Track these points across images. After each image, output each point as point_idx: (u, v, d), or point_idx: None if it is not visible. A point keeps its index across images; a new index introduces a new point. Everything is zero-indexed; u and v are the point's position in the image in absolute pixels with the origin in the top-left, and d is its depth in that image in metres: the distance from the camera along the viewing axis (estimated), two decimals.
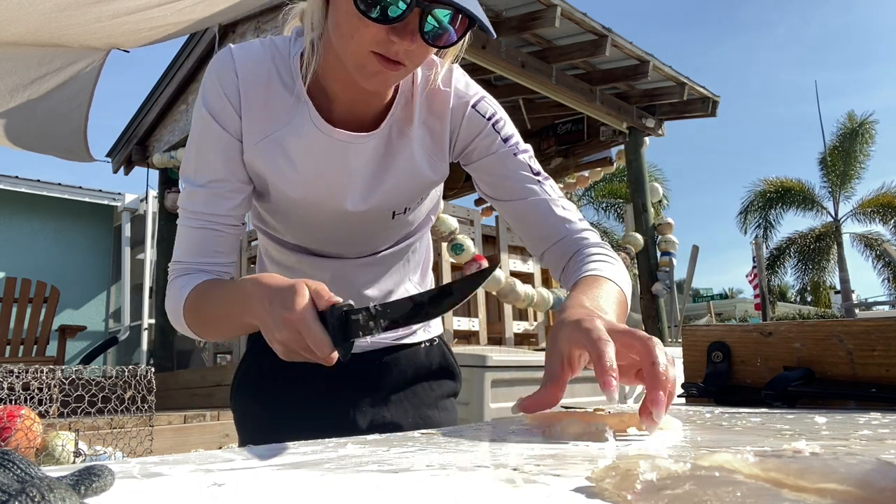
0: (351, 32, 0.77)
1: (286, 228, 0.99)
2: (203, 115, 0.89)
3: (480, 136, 0.94)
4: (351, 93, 0.88)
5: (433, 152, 0.94)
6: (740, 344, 0.92)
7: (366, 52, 0.77)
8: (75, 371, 2.88)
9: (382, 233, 0.99)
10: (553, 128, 6.55)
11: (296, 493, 0.36)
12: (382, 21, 0.74)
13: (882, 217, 18.54)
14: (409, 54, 0.77)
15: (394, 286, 1.05)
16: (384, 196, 0.93)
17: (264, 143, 0.89)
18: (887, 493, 0.27)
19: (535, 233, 0.95)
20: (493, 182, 0.96)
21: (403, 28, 0.75)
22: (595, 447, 0.50)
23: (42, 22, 3.38)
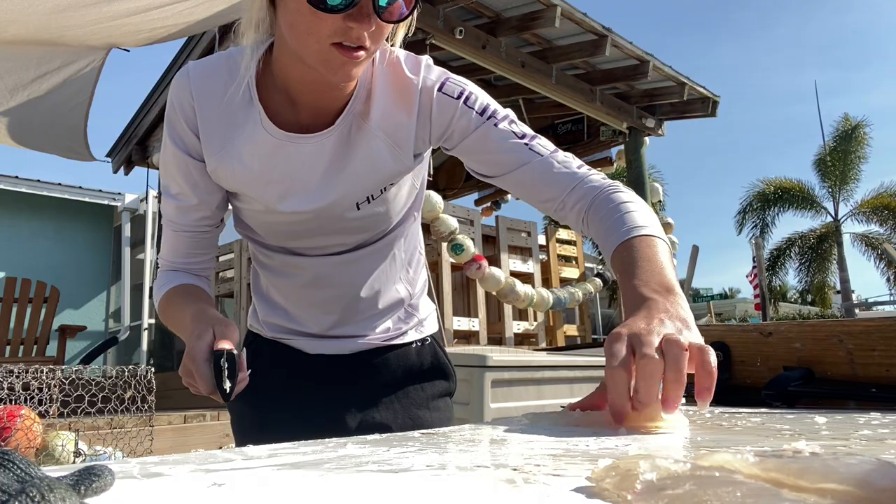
0: (308, 29, 0.77)
1: (262, 231, 1.00)
2: (166, 137, 0.93)
3: (455, 118, 0.91)
4: (312, 91, 0.88)
5: (398, 143, 0.92)
6: (740, 344, 0.92)
7: (326, 45, 0.77)
8: (75, 371, 2.88)
9: (355, 226, 0.98)
10: (553, 128, 6.55)
11: (296, 493, 0.36)
12: (338, 10, 0.74)
13: (880, 217, 18.55)
14: (370, 36, 0.78)
15: (381, 285, 1.04)
16: (343, 189, 0.92)
17: (222, 153, 0.91)
18: (887, 494, 0.27)
19: (542, 195, 0.92)
20: (482, 160, 0.93)
21: (359, 12, 0.75)
22: (595, 446, 0.50)
23: (42, 23, 3.38)
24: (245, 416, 1.09)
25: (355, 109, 0.91)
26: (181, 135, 0.91)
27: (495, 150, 0.91)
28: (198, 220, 0.96)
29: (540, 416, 0.68)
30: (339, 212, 0.94)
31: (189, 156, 0.92)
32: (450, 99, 0.91)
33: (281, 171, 0.91)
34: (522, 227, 5.40)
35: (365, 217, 0.97)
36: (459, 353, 2.84)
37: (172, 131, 0.92)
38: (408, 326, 1.09)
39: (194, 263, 1.01)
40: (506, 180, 0.93)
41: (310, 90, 0.88)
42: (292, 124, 0.91)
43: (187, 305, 0.91)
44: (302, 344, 1.05)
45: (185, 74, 0.91)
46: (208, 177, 0.94)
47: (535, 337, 5.27)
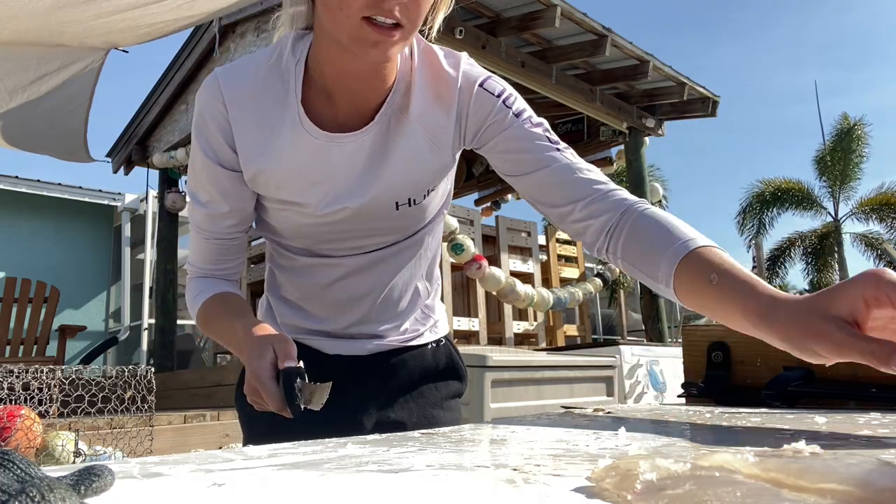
0: (337, 7, 0.75)
1: (292, 234, 0.98)
2: (195, 146, 0.92)
3: (492, 114, 0.90)
4: (351, 83, 0.86)
5: (437, 139, 0.90)
6: (740, 344, 0.92)
7: (358, 20, 0.74)
8: (75, 371, 2.88)
9: (390, 226, 0.97)
10: (553, 128, 6.49)
11: (295, 493, 0.36)
12: None
13: (881, 217, 18.54)
14: (403, 9, 0.75)
15: (405, 283, 1.03)
16: (383, 188, 0.91)
17: (262, 158, 0.89)
18: (887, 494, 0.27)
19: (562, 199, 0.86)
20: (510, 158, 0.90)
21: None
22: (595, 446, 0.50)
23: (41, 20, 3.38)
24: (258, 414, 1.09)
25: (395, 104, 0.89)
26: (213, 145, 0.90)
27: (525, 149, 0.89)
28: (228, 227, 0.95)
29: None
30: (377, 212, 0.93)
31: (221, 166, 0.91)
32: (490, 95, 0.90)
33: (323, 171, 0.90)
34: (522, 227, 5.40)
35: (402, 218, 0.95)
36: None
37: (204, 142, 0.90)
38: (424, 328, 1.09)
39: (225, 269, 0.99)
40: (529, 180, 0.90)
41: (348, 81, 0.86)
42: (331, 123, 0.89)
43: (233, 319, 0.90)
44: (320, 344, 1.05)
45: (214, 82, 0.89)
46: (240, 185, 0.92)
47: (535, 337, 5.27)
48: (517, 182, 0.92)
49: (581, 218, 0.85)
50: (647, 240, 0.78)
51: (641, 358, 4.12)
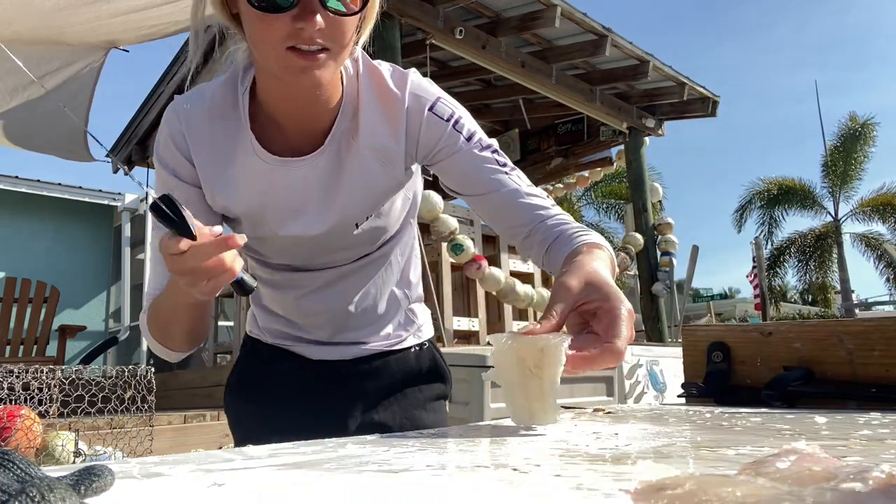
0: (262, 37, 0.77)
1: (264, 250, 1.00)
2: (157, 168, 0.94)
3: (443, 139, 0.91)
4: (293, 108, 0.88)
5: (388, 159, 0.91)
6: (740, 344, 0.92)
7: (282, 50, 0.75)
8: (75, 371, 2.88)
9: (355, 241, 0.98)
10: (553, 128, 6.55)
11: (296, 493, 0.36)
12: (283, 9, 0.73)
13: (882, 217, 18.54)
14: (324, 34, 0.75)
15: (378, 291, 1.05)
16: (340, 211, 0.92)
17: (218, 181, 0.91)
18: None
19: (510, 222, 0.93)
20: (460, 180, 0.94)
21: (304, 9, 0.73)
22: (595, 447, 0.50)
23: (43, 21, 3.38)
24: (246, 415, 1.10)
25: (343, 127, 0.90)
26: (172, 163, 0.92)
27: (474, 171, 0.92)
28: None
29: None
30: (339, 233, 0.95)
31: (181, 181, 0.92)
32: (440, 119, 0.91)
33: (277, 196, 0.91)
34: None
35: (365, 233, 0.97)
36: (459, 353, 2.84)
37: (163, 162, 0.92)
38: (407, 333, 1.10)
39: None
40: (478, 201, 0.94)
41: (291, 107, 0.88)
42: (283, 148, 0.90)
43: (167, 286, 0.87)
44: (303, 350, 1.06)
45: (177, 104, 0.92)
46: (198, 201, 0.93)
47: None
48: (467, 200, 0.96)
49: (527, 236, 0.92)
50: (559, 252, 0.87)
51: (641, 358, 4.12)
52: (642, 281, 5.76)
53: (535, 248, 0.93)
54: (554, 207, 0.94)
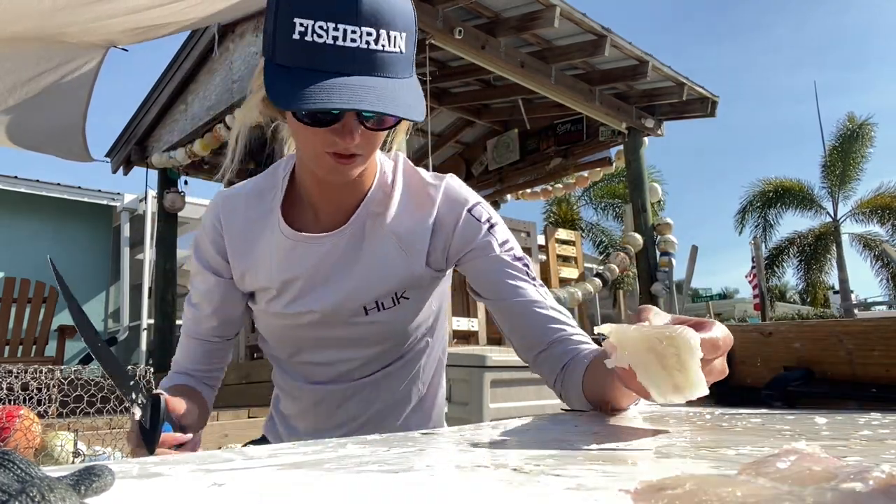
0: (304, 142, 0.86)
1: (276, 338, 1.04)
2: (192, 254, 1.04)
3: (477, 239, 0.95)
4: (325, 191, 0.95)
5: (409, 246, 0.95)
6: (740, 344, 0.92)
7: (321, 153, 0.84)
8: (74, 371, 2.87)
9: (363, 333, 0.98)
10: (552, 128, 6.55)
11: (296, 493, 0.36)
12: (325, 125, 0.82)
13: (880, 217, 18.55)
14: (359, 145, 0.83)
15: (401, 401, 1.07)
16: (350, 286, 0.95)
17: (247, 257, 0.99)
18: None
19: (527, 332, 0.93)
20: (486, 282, 0.96)
21: (343, 128, 0.81)
22: (595, 447, 0.50)
23: (41, 21, 3.38)
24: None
25: (370, 209, 0.96)
26: (205, 255, 1.02)
27: (502, 277, 0.94)
28: (211, 328, 1.04)
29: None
30: (346, 314, 0.96)
31: (211, 273, 1.02)
32: (476, 221, 0.96)
33: (296, 270, 0.96)
34: (522, 228, 5.40)
35: (373, 324, 0.97)
36: (459, 353, 2.84)
37: (198, 250, 1.03)
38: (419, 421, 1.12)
39: (202, 371, 1.06)
40: (501, 307, 0.95)
41: (322, 189, 0.95)
42: (310, 226, 0.97)
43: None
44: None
45: (218, 195, 1.04)
46: (227, 290, 1.02)
47: None
48: (489, 305, 0.98)
49: (539, 356, 0.93)
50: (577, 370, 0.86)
51: None
52: (641, 281, 5.76)
53: (545, 370, 0.92)
54: (574, 328, 0.93)
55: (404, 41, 0.82)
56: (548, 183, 6.96)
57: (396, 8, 0.81)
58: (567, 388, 0.87)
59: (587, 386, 0.82)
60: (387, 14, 0.79)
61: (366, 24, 0.78)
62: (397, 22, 0.80)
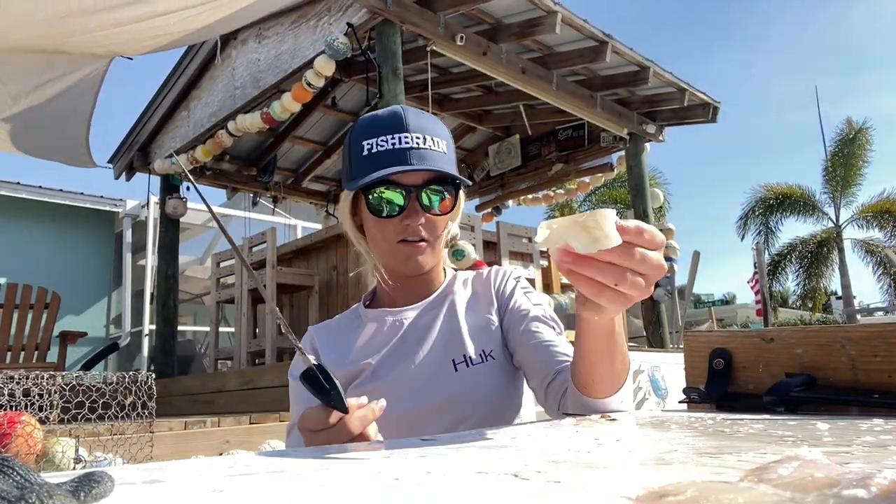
0: (379, 235, 1.03)
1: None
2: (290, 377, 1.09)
3: (516, 292, 1.11)
4: (402, 290, 1.09)
5: (480, 310, 1.09)
6: (742, 350, 0.91)
7: (394, 243, 1.02)
8: (76, 377, 2.87)
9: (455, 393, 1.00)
10: (554, 134, 6.56)
11: (296, 499, 0.36)
12: (395, 215, 1.00)
13: (881, 223, 18.53)
14: (425, 228, 1.01)
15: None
16: (441, 349, 1.03)
17: (341, 358, 1.06)
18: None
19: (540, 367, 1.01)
20: (518, 328, 1.05)
21: (410, 212, 1.00)
22: (596, 453, 0.50)
23: (44, 29, 3.40)
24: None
25: (442, 294, 1.11)
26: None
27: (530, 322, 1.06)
28: None
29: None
30: (440, 370, 1.01)
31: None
32: (509, 280, 1.13)
33: (380, 345, 1.06)
34: (523, 233, 5.40)
35: (466, 383, 1.00)
36: None
37: (292, 372, 1.07)
38: None
39: None
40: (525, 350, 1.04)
41: (400, 290, 1.09)
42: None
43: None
44: None
45: (307, 333, 1.16)
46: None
47: None
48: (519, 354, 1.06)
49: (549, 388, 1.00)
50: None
51: (643, 364, 4.11)
52: None
53: (552, 394, 0.98)
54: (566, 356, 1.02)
55: (445, 146, 1.04)
56: (549, 188, 6.96)
57: (436, 124, 1.05)
58: (566, 399, 0.93)
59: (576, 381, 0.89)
60: (428, 127, 1.02)
61: (414, 131, 1.00)
62: (438, 132, 1.03)
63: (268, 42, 4.73)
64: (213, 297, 5.30)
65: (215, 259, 5.35)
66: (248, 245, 4.93)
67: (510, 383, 1.06)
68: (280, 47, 4.59)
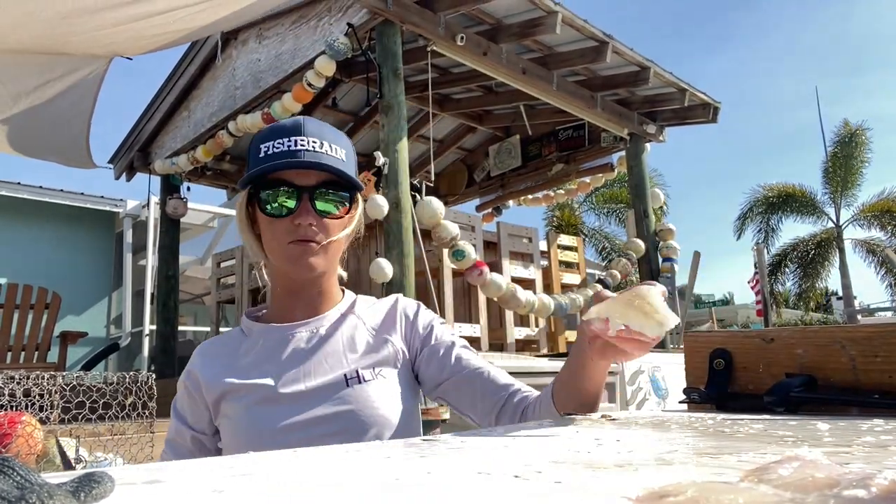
0: (271, 235, 1.02)
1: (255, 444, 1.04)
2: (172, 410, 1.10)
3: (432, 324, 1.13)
4: (296, 298, 1.07)
5: (381, 330, 1.10)
6: (742, 350, 0.91)
7: (285, 244, 1.00)
8: (76, 377, 2.87)
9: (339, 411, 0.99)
10: (554, 134, 6.56)
11: (296, 500, 0.36)
12: (286, 215, 1.00)
13: (882, 223, 18.53)
14: (318, 230, 1.00)
15: None
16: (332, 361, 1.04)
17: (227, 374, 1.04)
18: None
19: (484, 398, 1.06)
20: (438, 364, 1.09)
21: (301, 212, 0.99)
22: (597, 453, 0.50)
23: (45, 29, 3.40)
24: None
25: (339, 311, 1.10)
26: (180, 405, 1.09)
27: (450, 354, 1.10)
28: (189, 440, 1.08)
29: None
30: (328, 382, 1.01)
31: (181, 422, 1.07)
32: (427, 313, 1.15)
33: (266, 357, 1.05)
34: (524, 233, 5.40)
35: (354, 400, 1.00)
36: None
37: (175, 405, 1.09)
38: None
39: None
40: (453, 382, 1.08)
41: (293, 301, 1.08)
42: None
43: None
44: None
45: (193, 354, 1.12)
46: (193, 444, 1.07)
47: (536, 343, 5.26)
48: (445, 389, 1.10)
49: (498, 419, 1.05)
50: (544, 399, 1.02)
51: (643, 364, 4.11)
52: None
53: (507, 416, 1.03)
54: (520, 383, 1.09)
55: (345, 154, 1.04)
56: (550, 188, 6.96)
57: (338, 134, 1.05)
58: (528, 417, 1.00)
59: (558, 399, 0.96)
60: (328, 135, 1.03)
61: (311, 136, 1.00)
62: (338, 141, 1.04)
63: (268, 42, 4.73)
64: (213, 297, 5.30)
65: (216, 259, 5.35)
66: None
67: (400, 402, 1.05)
68: (280, 47, 4.59)
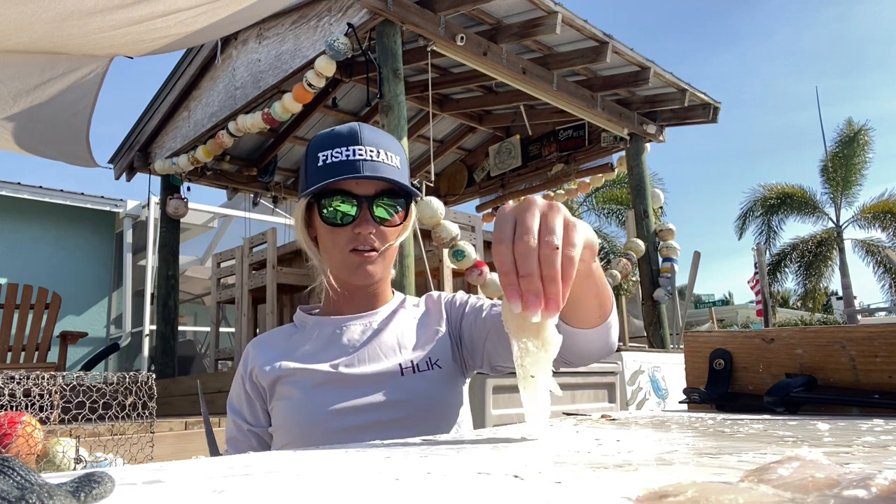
0: (332, 243, 1.05)
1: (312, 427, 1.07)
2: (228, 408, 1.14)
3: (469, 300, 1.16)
4: (350, 301, 1.11)
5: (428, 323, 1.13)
6: (742, 350, 0.91)
7: (346, 252, 1.04)
8: (76, 377, 2.87)
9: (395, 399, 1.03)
10: (554, 134, 6.56)
11: (296, 500, 0.36)
12: (348, 223, 1.03)
13: (883, 224, 18.52)
14: (376, 238, 1.04)
15: None
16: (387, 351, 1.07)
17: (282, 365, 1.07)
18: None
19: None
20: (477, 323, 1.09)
21: (360, 222, 1.03)
22: (597, 454, 0.50)
23: (45, 32, 3.40)
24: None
25: (391, 307, 1.14)
26: (237, 399, 1.11)
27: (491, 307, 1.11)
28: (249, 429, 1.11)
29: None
30: (382, 370, 1.04)
31: (237, 416, 1.11)
32: (461, 293, 1.19)
33: (322, 346, 1.08)
34: None
35: (408, 388, 1.03)
36: None
37: (230, 401, 1.12)
38: None
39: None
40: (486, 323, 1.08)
41: (347, 298, 1.11)
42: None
43: None
44: None
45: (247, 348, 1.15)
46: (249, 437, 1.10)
47: None
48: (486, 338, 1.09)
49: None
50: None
51: (643, 364, 4.11)
52: (644, 287, 5.75)
53: None
54: None
55: (399, 161, 1.06)
56: (550, 189, 6.96)
57: (391, 140, 1.08)
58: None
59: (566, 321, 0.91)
60: (383, 142, 1.05)
61: (368, 145, 1.03)
62: (392, 148, 1.06)
63: (268, 42, 4.73)
64: (213, 297, 5.30)
65: (216, 259, 5.35)
66: (248, 245, 4.93)
67: (453, 391, 1.11)
68: (280, 47, 4.59)
